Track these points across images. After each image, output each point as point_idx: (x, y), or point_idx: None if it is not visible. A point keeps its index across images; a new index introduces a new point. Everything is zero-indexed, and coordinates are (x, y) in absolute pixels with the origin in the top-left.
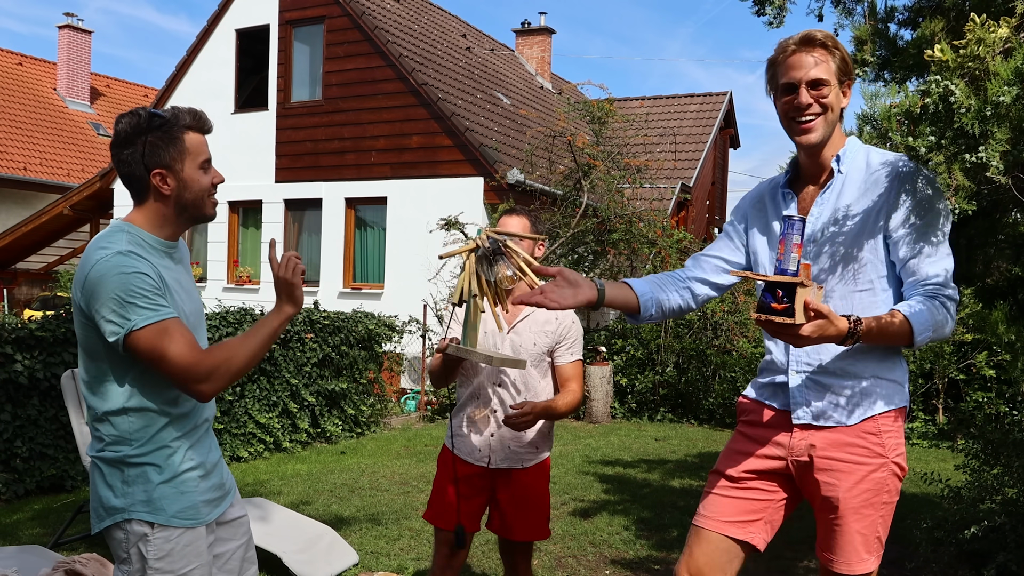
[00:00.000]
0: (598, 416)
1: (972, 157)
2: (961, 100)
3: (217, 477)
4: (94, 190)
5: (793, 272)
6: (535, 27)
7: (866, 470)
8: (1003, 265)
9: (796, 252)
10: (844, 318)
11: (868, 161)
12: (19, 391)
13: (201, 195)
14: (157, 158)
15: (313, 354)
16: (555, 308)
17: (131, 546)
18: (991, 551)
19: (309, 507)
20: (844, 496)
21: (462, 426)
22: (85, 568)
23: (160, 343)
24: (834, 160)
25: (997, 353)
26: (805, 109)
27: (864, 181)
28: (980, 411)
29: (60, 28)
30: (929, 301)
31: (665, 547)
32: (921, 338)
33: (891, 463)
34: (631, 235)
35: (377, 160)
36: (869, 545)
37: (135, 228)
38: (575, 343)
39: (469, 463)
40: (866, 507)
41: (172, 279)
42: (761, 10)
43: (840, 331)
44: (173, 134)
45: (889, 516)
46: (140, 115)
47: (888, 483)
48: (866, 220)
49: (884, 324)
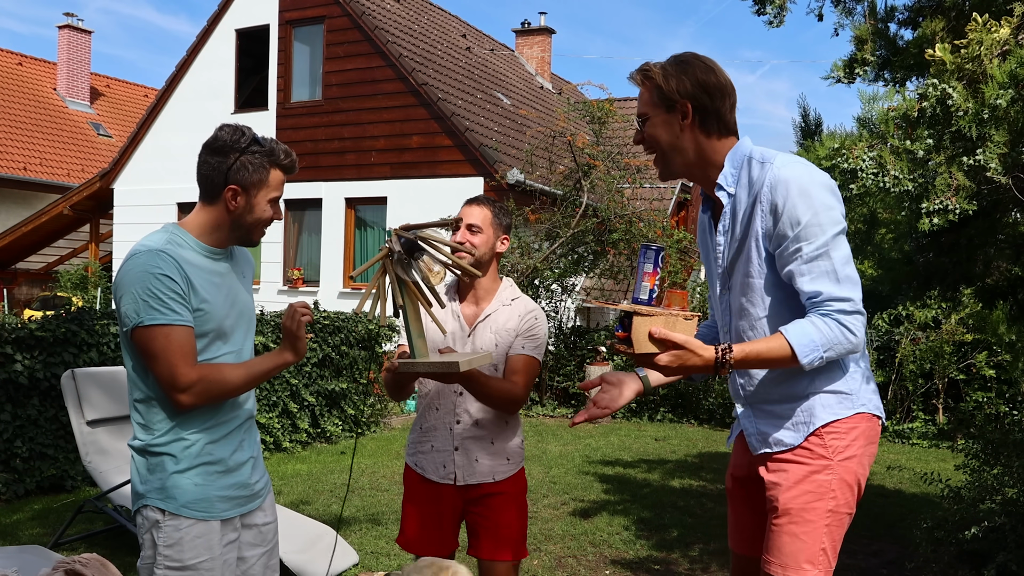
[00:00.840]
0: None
1: (970, 160)
2: (959, 103)
3: (242, 476)
4: (94, 190)
5: (645, 301)
6: (535, 27)
7: (807, 470)
8: (1003, 265)
9: (647, 281)
10: (711, 347)
11: (751, 175)
12: (19, 391)
13: (258, 224)
14: (240, 177)
15: (313, 354)
16: (608, 413)
17: (146, 532)
18: (991, 551)
19: (309, 507)
20: (784, 496)
21: (423, 441)
22: (85, 568)
23: (155, 345)
24: (717, 188)
25: (997, 353)
26: (644, 147)
27: (747, 199)
28: (980, 411)
29: (60, 28)
30: (819, 319)
31: (665, 547)
32: (808, 358)
33: (836, 465)
34: (631, 235)
35: (377, 160)
36: (811, 555)
37: (180, 230)
38: (533, 339)
39: (434, 481)
40: (807, 511)
41: (207, 282)
42: (761, 9)
43: (706, 360)
44: (264, 164)
45: (837, 528)
46: (243, 133)
47: (834, 488)
48: (753, 242)
49: (762, 347)
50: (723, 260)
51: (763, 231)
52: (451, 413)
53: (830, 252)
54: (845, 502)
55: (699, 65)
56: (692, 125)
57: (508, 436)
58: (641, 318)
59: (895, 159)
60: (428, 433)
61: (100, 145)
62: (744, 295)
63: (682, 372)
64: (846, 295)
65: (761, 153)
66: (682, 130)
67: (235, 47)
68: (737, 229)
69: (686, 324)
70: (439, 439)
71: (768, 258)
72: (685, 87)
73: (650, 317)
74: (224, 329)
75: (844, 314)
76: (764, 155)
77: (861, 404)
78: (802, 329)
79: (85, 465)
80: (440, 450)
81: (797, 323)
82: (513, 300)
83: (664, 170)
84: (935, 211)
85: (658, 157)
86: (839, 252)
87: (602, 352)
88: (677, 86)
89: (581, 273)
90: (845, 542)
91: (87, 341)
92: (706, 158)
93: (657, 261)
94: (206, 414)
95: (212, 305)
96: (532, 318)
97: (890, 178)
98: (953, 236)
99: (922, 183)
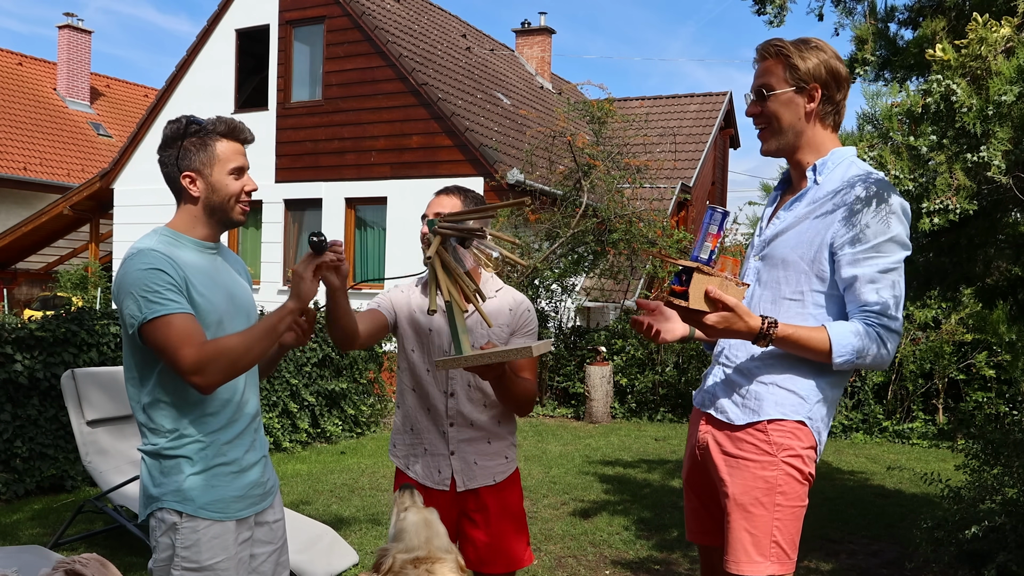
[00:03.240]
0: (598, 416)
1: (974, 156)
2: (963, 99)
3: (254, 476)
4: (94, 190)
5: (705, 260)
6: (535, 27)
7: (754, 467)
8: (1003, 265)
9: (710, 242)
10: (760, 317)
11: (845, 176)
12: (19, 391)
13: (228, 199)
14: (188, 161)
15: (313, 354)
16: (663, 341)
17: (162, 534)
18: (991, 551)
19: (309, 507)
20: (732, 492)
21: (415, 444)
22: (85, 568)
23: (161, 334)
24: (810, 169)
25: (997, 353)
26: (755, 119)
27: (833, 194)
28: (980, 411)
29: (60, 28)
30: (863, 326)
31: (665, 547)
32: (840, 359)
33: (781, 462)
34: (631, 235)
35: (377, 160)
36: (761, 547)
37: (168, 229)
38: (531, 333)
39: (429, 488)
40: (755, 506)
41: (203, 275)
42: (761, 9)
43: (751, 328)
44: (205, 140)
45: (790, 521)
46: (181, 121)
47: (781, 483)
48: (817, 231)
49: (804, 334)
50: (772, 229)
51: (839, 226)
52: (442, 416)
53: (900, 272)
54: (796, 495)
55: (830, 51)
56: (815, 111)
57: (503, 433)
58: (701, 275)
59: (895, 158)
60: (420, 435)
61: (100, 145)
62: (782, 270)
63: (726, 335)
64: (897, 315)
65: (866, 167)
66: (806, 113)
67: (235, 47)
68: (803, 209)
69: (737, 290)
70: (432, 443)
71: (823, 252)
72: (820, 71)
73: (709, 276)
74: (223, 322)
75: (888, 331)
76: (868, 168)
77: (805, 411)
78: (845, 331)
79: (85, 465)
80: (434, 454)
81: (842, 324)
82: (498, 291)
83: (769, 146)
84: (935, 211)
85: (767, 131)
86: (902, 276)
87: (602, 352)
88: (812, 68)
89: (581, 273)
90: (845, 542)
91: (87, 341)
92: (814, 145)
93: (723, 224)
94: (215, 416)
95: (208, 300)
96: (524, 311)
97: (890, 177)
98: (953, 236)
99: (923, 183)
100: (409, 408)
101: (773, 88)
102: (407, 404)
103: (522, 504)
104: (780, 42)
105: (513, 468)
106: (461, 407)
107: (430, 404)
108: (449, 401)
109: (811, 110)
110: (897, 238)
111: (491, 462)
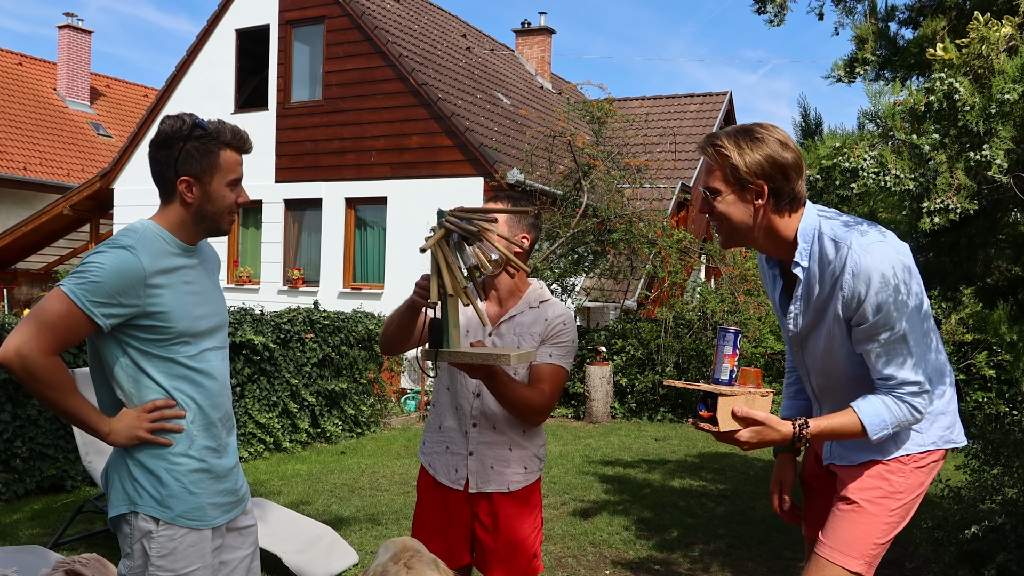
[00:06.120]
0: (598, 416)
1: (976, 155)
2: (966, 98)
3: (230, 483)
4: (94, 190)
5: (726, 381)
6: (535, 27)
7: (881, 468)
8: (1003, 265)
9: (727, 362)
10: (788, 421)
11: (823, 251)
12: (19, 391)
13: (222, 211)
14: (188, 166)
15: (313, 354)
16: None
17: (135, 541)
18: (991, 551)
19: (309, 507)
20: (853, 485)
21: (439, 442)
22: (85, 568)
23: (48, 306)
24: (793, 264)
25: (997, 353)
26: (709, 217)
27: (823, 274)
28: (980, 411)
29: (60, 28)
30: (891, 400)
31: (665, 547)
32: (877, 435)
33: (910, 471)
34: (631, 235)
35: (377, 160)
36: (863, 547)
37: (162, 230)
38: (561, 346)
39: (445, 485)
40: (873, 504)
41: (176, 279)
42: (762, 8)
43: (784, 435)
44: (210, 147)
45: (893, 528)
46: (184, 121)
47: (902, 491)
48: (833, 318)
49: (837, 423)
50: (796, 326)
51: (843, 311)
52: (467, 416)
53: (907, 336)
54: (909, 506)
55: (773, 141)
56: (766, 205)
57: (527, 444)
58: (725, 398)
59: (896, 158)
60: (446, 433)
61: (100, 145)
62: (825, 360)
63: (761, 446)
64: (916, 379)
65: (832, 230)
66: (756, 210)
67: (235, 47)
68: (812, 301)
69: (763, 401)
70: (454, 441)
71: (848, 330)
72: (762, 167)
73: (732, 397)
74: (198, 328)
75: (913, 396)
76: (836, 234)
77: (932, 442)
78: (874, 408)
79: (85, 465)
80: (455, 453)
81: (869, 401)
82: (542, 303)
83: (728, 242)
84: (936, 210)
85: (723, 230)
86: (914, 333)
87: (602, 352)
88: (753, 166)
89: (581, 273)
90: None
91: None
92: (776, 234)
93: (735, 343)
94: (193, 421)
95: (183, 301)
96: (560, 324)
97: (891, 177)
98: (953, 236)
99: (923, 182)
100: (442, 406)
101: (718, 191)
102: (440, 402)
103: (537, 519)
104: (720, 140)
105: (532, 481)
106: (485, 408)
107: (459, 403)
108: (475, 401)
109: (760, 206)
110: (888, 305)
111: (508, 469)
